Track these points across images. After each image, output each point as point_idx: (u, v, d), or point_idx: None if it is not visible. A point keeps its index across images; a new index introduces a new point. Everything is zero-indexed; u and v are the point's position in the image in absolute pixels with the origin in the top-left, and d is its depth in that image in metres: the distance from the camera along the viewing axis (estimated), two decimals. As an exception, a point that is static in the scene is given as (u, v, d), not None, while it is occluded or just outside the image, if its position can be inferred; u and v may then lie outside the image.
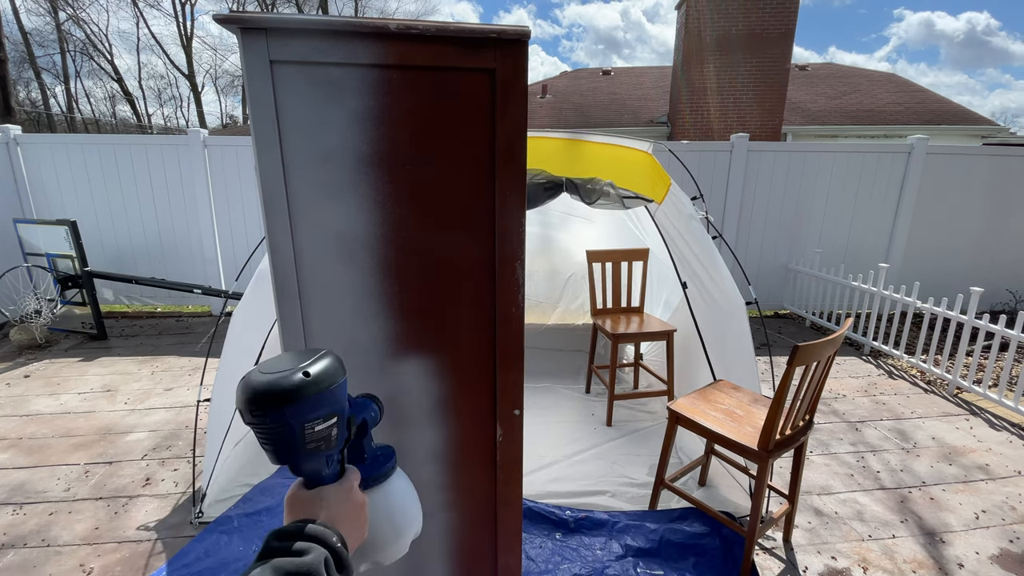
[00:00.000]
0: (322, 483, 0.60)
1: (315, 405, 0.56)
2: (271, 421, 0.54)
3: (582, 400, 3.31)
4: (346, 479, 0.62)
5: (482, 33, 0.92)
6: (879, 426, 3.11)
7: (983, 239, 5.41)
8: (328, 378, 0.57)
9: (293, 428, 0.55)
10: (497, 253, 1.04)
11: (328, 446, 0.59)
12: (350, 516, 0.60)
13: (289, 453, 0.57)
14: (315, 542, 0.51)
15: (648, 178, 2.52)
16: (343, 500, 0.60)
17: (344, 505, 0.60)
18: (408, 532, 0.71)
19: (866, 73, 14.53)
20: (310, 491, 0.60)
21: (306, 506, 0.58)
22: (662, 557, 2.01)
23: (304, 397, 0.54)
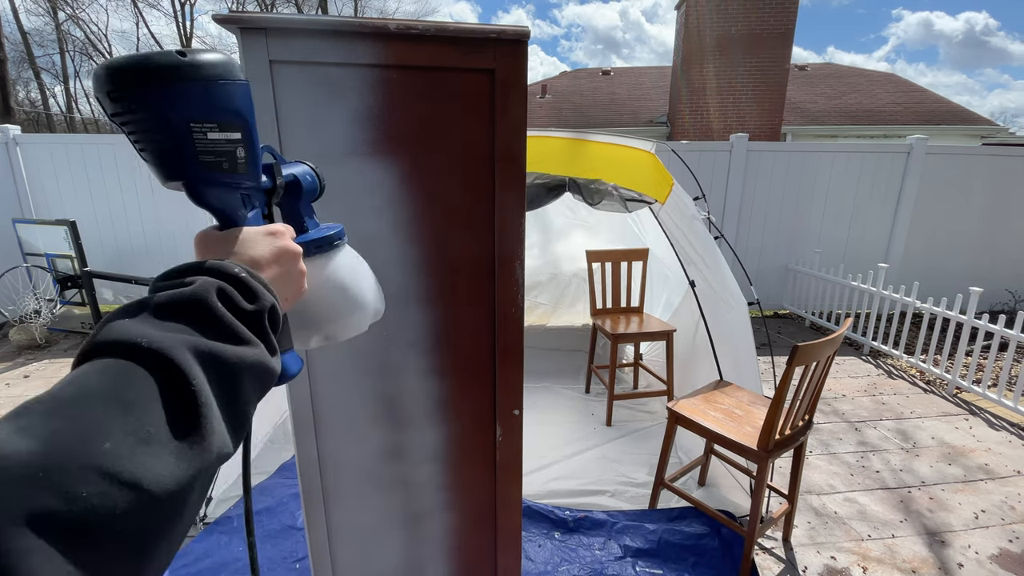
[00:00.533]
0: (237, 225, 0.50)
1: (200, 99, 0.44)
2: (139, 109, 0.43)
3: (582, 400, 3.31)
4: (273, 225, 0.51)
5: (482, 33, 0.92)
6: (878, 426, 3.11)
7: (982, 239, 5.42)
8: (216, 70, 0.45)
9: (172, 123, 0.44)
10: (497, 253, 1.04)
11: (233, 168, 0.48)
12: (276, 262, 0.48)
13: (177, 162, 0.46)
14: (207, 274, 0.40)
15: (651, 178, 2.52)
16: (262, 241, 0.48)
17: (264, 247, 0.48)
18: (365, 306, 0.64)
19: (865, 73, 14.54)
20: (222, 231, 0.49)
21: (215, 246, 0.47)
22: (661, 557, 2.01)
23: (178, 80, 0.43)
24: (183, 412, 0.32)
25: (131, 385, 0.31)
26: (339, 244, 0.62)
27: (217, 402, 0.35)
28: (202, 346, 0.35)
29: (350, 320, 0.63)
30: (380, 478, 1.15)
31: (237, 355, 0.37)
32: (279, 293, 0.46)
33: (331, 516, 1.15)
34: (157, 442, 0.30)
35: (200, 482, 0.32)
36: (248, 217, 0.51)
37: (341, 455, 1.11)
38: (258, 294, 0.42)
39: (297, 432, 1.07)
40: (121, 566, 0.27)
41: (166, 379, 0.32)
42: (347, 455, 1.12)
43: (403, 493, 1.17)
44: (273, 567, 1.93)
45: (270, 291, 0.43)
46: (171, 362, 0.32)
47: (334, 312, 0.61)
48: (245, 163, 0.49)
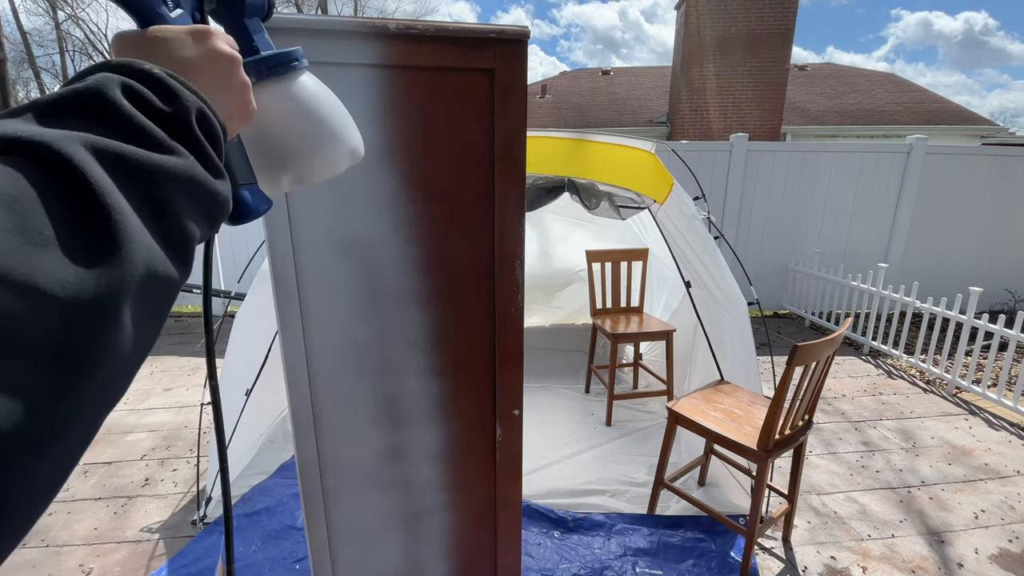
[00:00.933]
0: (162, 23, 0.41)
1: None
2: None
3: (582, 400, 3.31)
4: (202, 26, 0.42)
5: (482, 33, 0.92)
6: (878, 426, 3.11)
7: (982, 239, 5.42)
8: None
9: None
10: (497, 252, 1.04)
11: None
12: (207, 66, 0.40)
13: None
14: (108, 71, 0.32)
15: (651, 178, 2.52)
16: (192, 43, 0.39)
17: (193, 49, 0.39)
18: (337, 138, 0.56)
19: (865, 73, 14.54)
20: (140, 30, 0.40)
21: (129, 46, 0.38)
22: (661, 557, 2.01)
23: None
24: (85, 214, 0.26)
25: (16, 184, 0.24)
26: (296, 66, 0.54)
27: (135, 209, 0.28)
28: (104, 145, 0.28)
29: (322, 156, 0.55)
30: (380, 478, 1.15)
31: (156, 162, 0.30)
32: (217, 105, 0.38)
33: (331, 516, 1.15)
34: (55, 245, 0.24)
35: (133, 300, 0.27)
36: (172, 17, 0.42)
37: (341, 455, 1.11)
38: (177, 92, 0.33)
39: (297, 432, 1.07)
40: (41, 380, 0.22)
41: (58, 177, 0.25)
42: (347, 455, 1.12)
43: (403, 493, 1.17)
44: (273, 567, 1.93)
45: (198, 95, 0.35)
46: (61, 155, 0.26)
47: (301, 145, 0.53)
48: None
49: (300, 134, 0.53)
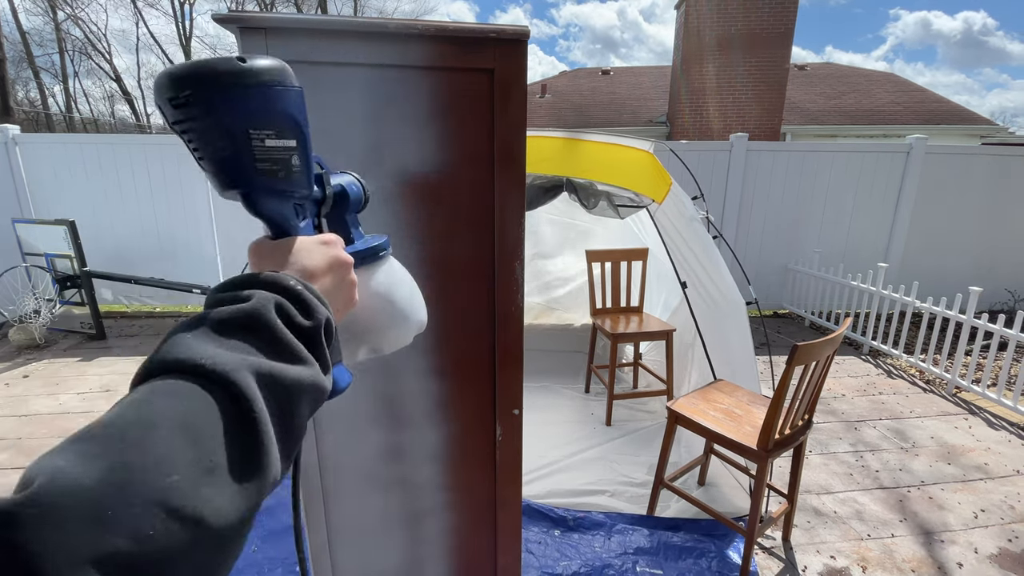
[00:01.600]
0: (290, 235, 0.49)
1: (257, 105, 0.44)
2: (199, 113, 0.42)
3: (581, 400, 3.31)
4: (325, 234, 0.51)
5: (481, 33, 0.92)
6: (878, 425, 3.11)
7: (982, 238, 5.42)
8: (272, 74, 0.44)
9: (232, 131, 0.43)
10: (497, 252, 1.04)
11: (287, 175, 0.48)
12: (330, 272, 0.47)
13: (236, 170, 0.45)
14: (265, 288, 0.39)
15: (649, 178, 2.52)
16: (317, 251, 0.47)
17: (318, 257, 0.47)
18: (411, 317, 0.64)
19: (865, 73, 14.55)
20: (275, 240, 0.48)
21: (269, 256, 0.46)
22: (661, 556, 2.01)
23: (237, 86, 0.42)
24: (245, 441, 0.32)
25: (195, 410, 0.30)
26: (384, 255, 0.62)
27: (274, 425, 0.34)
28: (263, 368, 0.34)
29: (396, 332, 0.63)
30: (380, 478, 1.15)
31: (295, 376, 0.36)
32: (332, 304, 0.46)
33: (331, 516, 1.15)
34: (219, 473, 0.29)
35: (255, 511, 0.32)
36: (301, 227, 0.51)
37: (341, 455, 1.11)
38: (314, 309, 0.41)
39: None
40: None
41: (229, 404, 0.32)
42: (347, 455, 1.12)
43: (403, 493, 1.17)
44: (273, 567, 1.93)
45: (324, 304, 0.43)
46: (234, 385, 0.32)
47: (380, 324, 0.61)
48: (300, 172, 0.49)
49: (382, 313, 0.60)
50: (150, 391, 0.30)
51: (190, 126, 0.43)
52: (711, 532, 2.13)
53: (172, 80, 0.42)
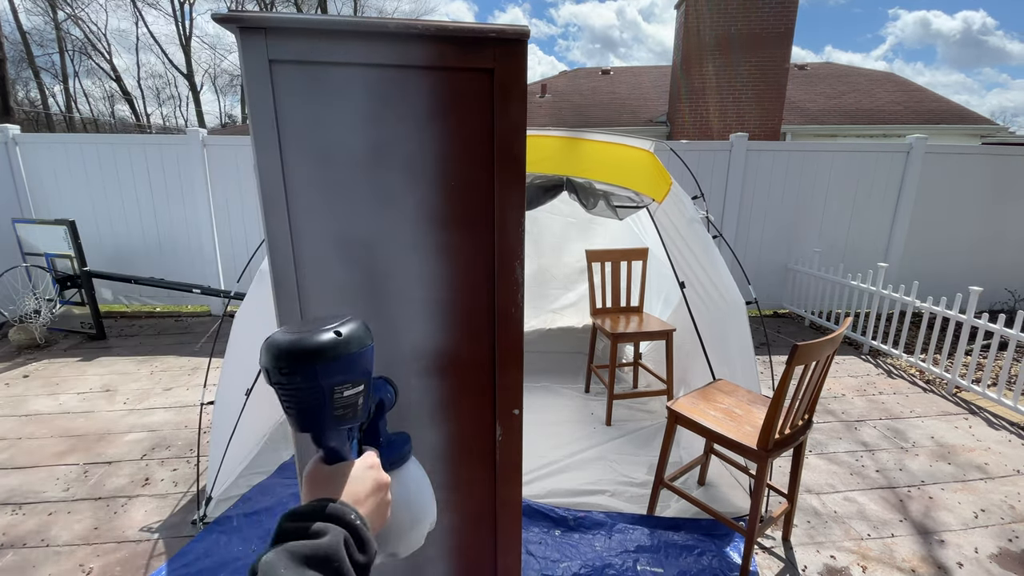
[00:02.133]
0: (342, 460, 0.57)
1: (345, 367, 0.53)
2: (301, 380, 0.52)
3: (581, 400, 3.31)
4: (368, 456, 0.59)
5: (481, 33, 0.92)
6: (878, 425, 3.11)
7: (982, 238, 5.42)
8: (358, 340, 0.55)
9: (323, 390, 0.53)
10: (497, 252, 1.04)
11: (354, 415, 0.57)
12: (373, 494, 0.55)
13: (316, 419, 0.54)
14: (332, 522, 0.47)
15: (650, 177, 2.52)
16: (366, 477, 0.56)
17: (367, 483, 0.55)
18: (425, 521, 0.69)
19: (865, 72, 14.54)
20: (331, 467, 0.56)
21: (327, 483, 0.54)
22: (662, 555, 2.01)
23: (335, 357, 0.52)
24: None
25: None
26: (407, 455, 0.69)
27: None
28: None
29: (412, 536, 0.68)
30: (380, 478, 1.15)
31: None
32: (371, 525, 0.53)
33: (331, 516, 1.15)
34: None
35: None
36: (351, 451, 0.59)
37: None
38: (368, 545, 0.48)
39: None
40: None
41: None
42: (347, 455, 1.12)
43: (403, 493, 1.17)
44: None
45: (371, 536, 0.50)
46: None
47: (400, 530, 0.66)
48: (362, 408, 0.58)
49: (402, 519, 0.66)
50: None
51: (290, 387, 0.52)
52: (711, 532, 2.13)
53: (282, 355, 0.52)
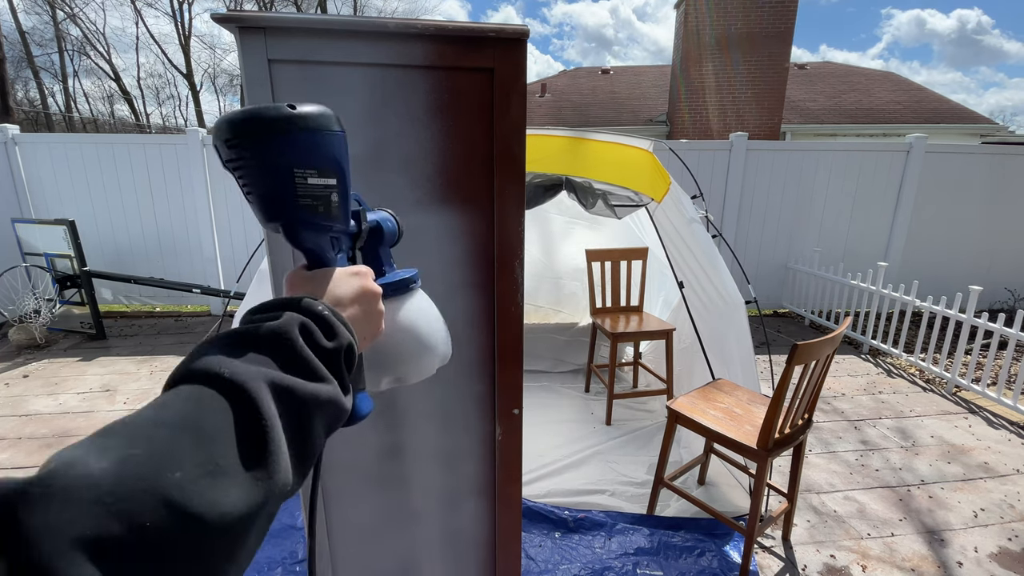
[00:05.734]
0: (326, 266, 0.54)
1: (303, 147, 0.49)
2: (251, 156, 0.48)
3: (581, 399, 3.31)
4: (357, 267, 0.55)
5: (481, 32, 0.92)
6: (878, 424, 3.11)
7: (982, 238, 5.42)
8: (318, 121, 0.50)
9: (279, 169, 0.48)
10: (496, 252, 1.04)
11: (328, 212, 0.52)
12: (358, 301, 0.51)
13: (279, 204, 0.50)
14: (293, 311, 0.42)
15: (649, 177, 2.52)
16: (350, 282, 0.52)
17: (350, 287, 0.51)
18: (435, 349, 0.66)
19: (865, 72, 14.54)
20: (311, 271, 0.53)
21: (304, 285, 0.51)
22: (662, 556, 2.01)
23: (287, 131, 0.48)
24: (253, 447, 0.33)
25: (207, 414, 0.32)
26: (414, 288, 0.65)
27: (286, 437, 0.35)
28: (279, 380, 0.36)
29: (420, 363, 0.65)
30: (380, 478, 1.15)
31: (312, 392, 0.38)
32: (358, 332, 0.49)
33: (331, 516, 1.15)
34: (224, 475, 0.30)
35: (262, 517, 0.33)
36: (336, 259, 0.55)
37: (340, 454, 1.11)
38: (337, 331, 0.44)
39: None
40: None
41: (241, 411, 0.33)
42: (346, 454, 1.12)
43: (403, 493, 1.17)
44: (273, 567, 1.93)
45: (349, 330, 0.45)
46: (247, 394, 0.34)
47: (406, 354, 0.63)
48: (338, 208, 0.53)
49: (407, 344, 0.63)
50: (172, 395, 0.33)
51: (242, 164, 0.48)
52: (711, 531, 2.13)
53: (229, 124, 0.47)
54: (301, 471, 0.38)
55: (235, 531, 0.30)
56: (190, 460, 0.29)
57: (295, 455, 0.36)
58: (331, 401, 0.40)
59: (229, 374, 0.34)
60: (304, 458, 0.38)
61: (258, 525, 0.32)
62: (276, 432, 0.34)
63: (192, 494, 0.28)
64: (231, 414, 0.33)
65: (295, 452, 0.36)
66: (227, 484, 0.30)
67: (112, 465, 0.26)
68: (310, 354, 0.40)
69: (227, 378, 0.34)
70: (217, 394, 0.33)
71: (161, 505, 0.27)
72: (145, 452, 0.28)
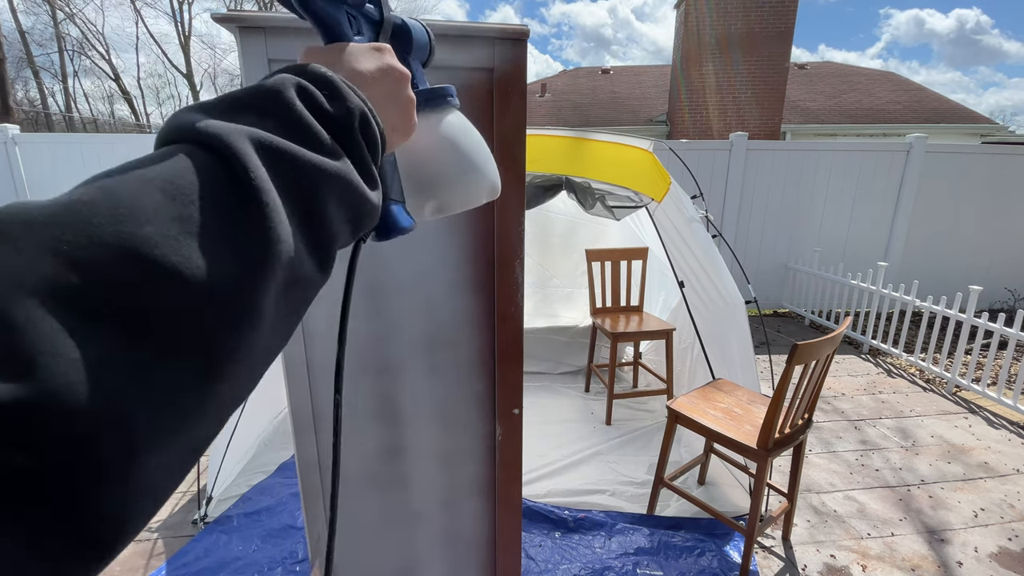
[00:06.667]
0: None
1: None
2: None
3: (581, 399, 3.31)
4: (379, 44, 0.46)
5: (481, 32, 0.92)
6: (878, 424, 3.11)
7: (982, 237, 5.42)
8: None
9: None
10: (496, 252, 1.04)
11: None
12: (380, 78, 0.42)
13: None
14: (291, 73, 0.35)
15: (649, 177, 2.52)
16: (371, 56, 0.43)
17: (370, 61, 0.42)
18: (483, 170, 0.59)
19: (865, 72, 14.54)
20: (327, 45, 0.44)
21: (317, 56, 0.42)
22: (662, 556, 2.01)
23: None
24: (238, 206, 0.27)
25: (182, 171, 0.26)
26: (450, 101, 0.58)
27: (286, 209, 0.29)
28: (266, 139, 0.29)
29: (464, 185, 0.57)
30: (380, 477, 1.15)
31: (312, 160, 0.31)
32: (384, 117, 0.40)
33: (331, 516, 1.15)
34: (206, 236, 0.25)
35: (270, 297, 0.27)
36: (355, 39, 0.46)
37: (341, 454, 1.11)
38: (346, 96, 0.35)
39: (296, 431, 1.07)
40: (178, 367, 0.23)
41: (221, 167, 0.27)
42: (347, 454, 1.12)
43: (403, 492, 1.17)
44: (273, 567, 1.93)
45: (364, 101, 0.36)
46: (227, 148, 0.27)
47: (447, 174, 0.56)
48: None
49: (447, 163, 0.56)
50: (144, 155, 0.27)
51: None
52: (711, 531, 2.13)
53: None
54: (317, 257, 0.31)
55: (231, 298, 0.25)
56: (162, 216, 0.24)
57: (305, 233, 0.30)
58: (342, 177, 0.32)
59: (205, 127, 0.28)
60: (317, 241, 0.31)
61: (267, 302, 0.27)
62: (268, 194, 0.28)
63: (167, 250, 0.23)
64: (209, 170, 0.27)
65: (304, 230, 0.30)
66: (210, 244, 0.25)
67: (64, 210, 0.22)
68: (309, 117, 0.32)
69: (202, 130, 0.28)
70: (193, 148, 0.27)
71: (128, 259, 0.22)
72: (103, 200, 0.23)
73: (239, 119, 0.29)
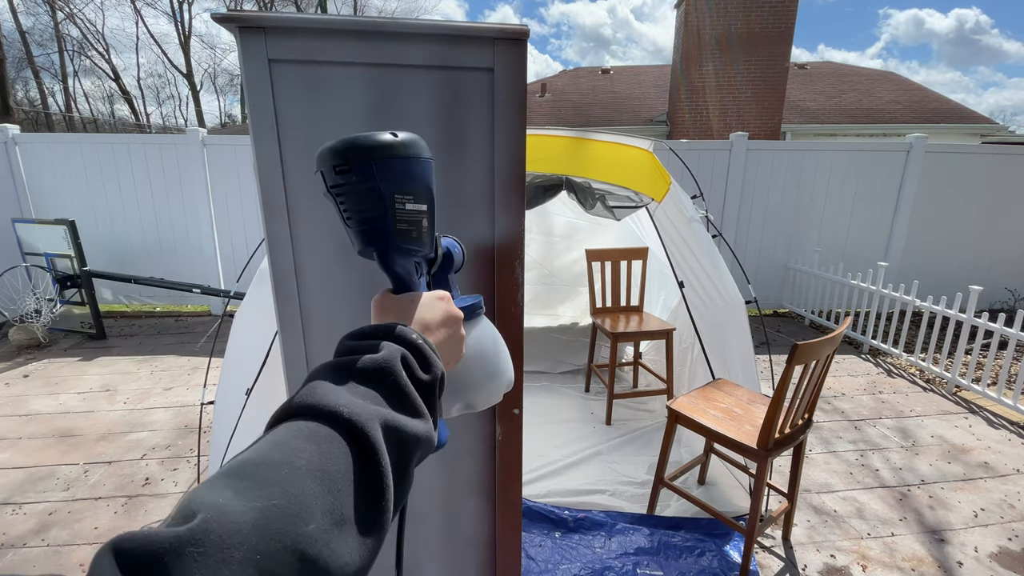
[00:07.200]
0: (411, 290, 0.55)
1: (403, 172, 0.51)
2: (358, 179, 0.49)
3: (581, 399, 3.31)
4: (439, 291, 0.56)
5: (481, 32, 0.92)
6: (878, 424, 3.11)
7: (982, 237, 5.42)
8: (415, 146, 0.52)
9: (381, 194, 0.50)
10: (497, 252, 1.04)
11: (419, 237, 0.54)
12: (445, 325, 0.51)
13: (378, 229, 0.51)
14: (392, 340, 0.42)
15: (649, 177, 2.52)
16: (436, 307, 0.52)
17: (437, 312, 0.52)
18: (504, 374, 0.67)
19: (865, 72, 14.53)
20: (398, 296, 0.53)
21: (394, 309, 0.51)
22: (662, 556, 2.01)
23: (392, 156, 0.50)
24: (371, 494, 0.34)
25: (331, 457, 0.32)
26: (481, 313, 0.66)
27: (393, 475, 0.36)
28: (390, 420, 0.37)
29: (489, 388, 0.65)
30: (380, 477, 1.14)
31: (414, 430, 0.39)
32: (443, 354, 0.49)
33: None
34: (348, 525, 0.31)
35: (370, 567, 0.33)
36: (420, 284, 0.56)
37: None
38: (432, 363, 0.44)
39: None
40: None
41: (360, 455, 0.34)
42: (347, 454, 1.11)
43: (403, 492, 1.17)
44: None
45: (438, 358, 0.45)
46: (366, 438, 0.34)
47: (476, 379, 0.63)
48: (427, 233, 0.55)
49: (478, 369, 0.63)
50: (293, 433, 0.33)
51: (347, 190, 0.50)
52: (711, 531, 2.13)
53: (336, 152, 0.49)
54: (397, 507, 0.38)
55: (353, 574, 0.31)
56: (320, 510, 0.29)
57: (396, 492, 0.36)
58: (427, 438, 0.40)
59: (348, 414, 0.34)
60: (401, 497, 0.38)
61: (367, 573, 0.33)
62: (388, 477, 0.35)
63: (322, 547, 0.28)
64: (351, 458, 0.33)
65: (396, 488, 0.36)
66: (349, 535, 0.31)
67: (256, 517, 0.26)
68: (412, 390, 0.40)
69: (347, 418, 0.34)
70: (336, 435, 0.33)
71: (297, 559, 0.27)
72: (283, 502, 0.28)
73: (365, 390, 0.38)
